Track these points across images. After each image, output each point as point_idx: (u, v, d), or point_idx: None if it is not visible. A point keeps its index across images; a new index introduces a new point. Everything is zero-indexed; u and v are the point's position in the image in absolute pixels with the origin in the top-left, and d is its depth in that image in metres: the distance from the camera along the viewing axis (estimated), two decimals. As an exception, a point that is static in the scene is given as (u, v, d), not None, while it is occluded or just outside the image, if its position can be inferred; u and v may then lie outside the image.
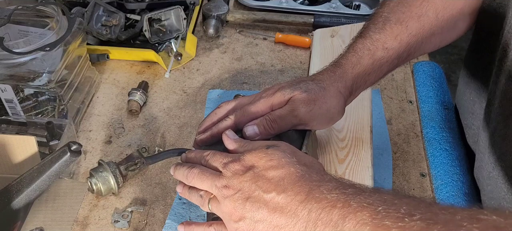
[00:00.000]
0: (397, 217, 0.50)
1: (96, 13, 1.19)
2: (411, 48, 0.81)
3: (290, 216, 0.58)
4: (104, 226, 0.87)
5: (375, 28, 0.81)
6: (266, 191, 0.60)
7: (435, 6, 0.81)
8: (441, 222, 0.47)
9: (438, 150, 0.96)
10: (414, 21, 0.81)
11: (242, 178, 0.63)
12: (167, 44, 1.23)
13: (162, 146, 1.01)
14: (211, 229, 0.70)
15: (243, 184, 0.62)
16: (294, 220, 0.58)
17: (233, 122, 0.76)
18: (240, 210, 0.62)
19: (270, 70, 1.19)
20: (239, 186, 0.63)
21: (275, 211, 0.59)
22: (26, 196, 0.82)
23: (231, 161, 0.65)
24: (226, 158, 0.67)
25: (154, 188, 0.93)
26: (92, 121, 1.07)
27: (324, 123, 0.77)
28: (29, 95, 1.01)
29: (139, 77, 1.17)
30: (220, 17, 1.28)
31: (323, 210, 0.56)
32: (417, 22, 0.81)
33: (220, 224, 0.68)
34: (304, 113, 0.73)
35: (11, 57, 0.93)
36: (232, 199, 0.62)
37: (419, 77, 1.12)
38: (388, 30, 0.80)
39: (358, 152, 0.88)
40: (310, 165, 0.63)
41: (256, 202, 0.61)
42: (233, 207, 0.62)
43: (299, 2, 1.36)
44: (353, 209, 0.53)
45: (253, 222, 0.61)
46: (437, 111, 1.03)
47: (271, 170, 0.62)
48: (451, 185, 0.90)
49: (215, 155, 0.69)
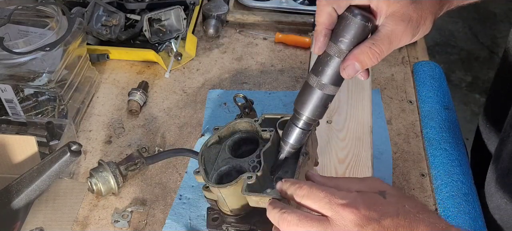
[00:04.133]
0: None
1: (96, 13, 1.19)
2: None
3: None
4: (104, 226, 0.87)
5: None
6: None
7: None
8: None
9: (438, 150, 0.96)
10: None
11: (364, 230, 0.57)
12: (167, 44, 1.23)
13: (162, 146, 1.01)
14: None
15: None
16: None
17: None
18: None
19: (270, 70, 1.19)
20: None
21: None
22: (26, 196, 0.82)
23: (343, 204, 0.58)
24: (333, 197, 0.59)
25: (154, 188, 0.93)
26: (92, 121, 1.07)
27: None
28: (29, 95, 1.01)
29: (139, 77, 1.17)
30: (220, 17, 1.28)
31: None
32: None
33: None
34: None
35: (11, 57, 0.93)
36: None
37: (419, 77, 1.12)
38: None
39: (358, 152, 0.88)
40: (425, 207, 0.61)
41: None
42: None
43: (299, 2, 1.36)
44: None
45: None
46: (437, 112, 1.03)
47: (393, 220, 0.57)
48: (451, 185, 0.90)
49: (313, 191, 0.61)
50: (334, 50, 0.63)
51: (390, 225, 0.57)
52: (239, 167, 0.75)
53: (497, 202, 0.91)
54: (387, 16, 0.61)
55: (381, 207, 0.58)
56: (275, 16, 1.30)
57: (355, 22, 0.61)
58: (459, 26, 3.27)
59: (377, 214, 0.57)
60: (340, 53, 0.63)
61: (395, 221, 0.57)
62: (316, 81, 0.65)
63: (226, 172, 0.76)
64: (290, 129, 0.71)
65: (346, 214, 0.57)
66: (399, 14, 0.61)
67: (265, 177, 0.72)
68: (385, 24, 0.62)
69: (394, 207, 0.58)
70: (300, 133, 0.70)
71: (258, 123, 0.77)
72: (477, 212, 0.87)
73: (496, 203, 0.91)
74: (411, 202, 0.60)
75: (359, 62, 0.61)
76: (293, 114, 0.71)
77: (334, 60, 0.63)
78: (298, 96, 0.69)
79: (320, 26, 0.62)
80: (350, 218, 0.57)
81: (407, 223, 0.57)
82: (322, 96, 0.66)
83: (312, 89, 0.66)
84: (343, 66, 0.62)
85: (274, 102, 1.09)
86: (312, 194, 0.61)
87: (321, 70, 0.64)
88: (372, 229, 0.57)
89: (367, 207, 0.58)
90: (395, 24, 0.61)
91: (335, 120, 0.94)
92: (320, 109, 0.67)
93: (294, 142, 0.71)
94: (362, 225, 0.57)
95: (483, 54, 3.08)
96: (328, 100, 0.67)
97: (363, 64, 0.62)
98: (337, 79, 0.65)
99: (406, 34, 0.62)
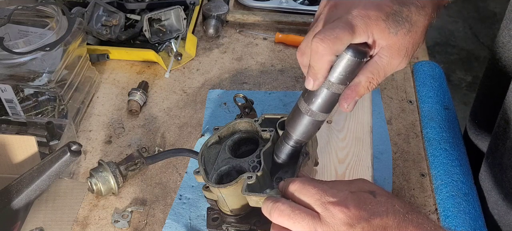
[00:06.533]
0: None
1: (96, 13, 1.19)
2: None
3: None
4: (104, 226, 0.87)
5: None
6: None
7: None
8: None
9: (438, 150, 0.96)
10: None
11: (353, 229, 0.57)
12: (167, 44, 1.23)
13: (162, 146, 1.01)
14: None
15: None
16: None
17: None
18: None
19: (270, 70, 1.19)
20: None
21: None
22: (26, 196, 0.82)
23: (334, 202, 0.59)
24: (324, 194, 0.60)
25: (154, 188, 0.93)
26: (92, 121, 1.07)
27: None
28: (29, 95, 1.01)
29: (139, 77, 1.17)
30: (220, 17, 1.28)
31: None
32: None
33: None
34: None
35: (11, 57, 0.93)
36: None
37: (419, 77, 1.12)
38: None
39: (358, 152, 0.88)
40: (414, 208, 0.61)
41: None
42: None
43: (299, 2, 1.36)
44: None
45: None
46: (437, 112, 1.03)
47: (382, 220, 0.58)
48: (451, 185, 0.90)
49: (305, 186, 0.62)
50: (328, 83, 0.64)
51: (379, 225, 0.57)
52: (239, 167, 0.75)
53: (495, 198, 0.91)
54: (383, 47, 0.62)
55: (371, 206, 0.59)
56: (275, 16, 1.30)
57: (353, 62, 0.62)
58: (459, 26, 3.27)
59: (367, 213, 0.58)
60: (336, 88, 0.64)
61: (384, 220, 0.57)
62: (307, 109, 0.66)
63: (226, 172, 0.76)
64: (282, 147, 0.73)
65: (336, 212, 0.58)
66: (395, 47, 0.62)
67: (265, 177, 0.72)
68: (381, 55, 0.62)
69: (384, 207, 0.59)
70: (291, 150, 0.72)
71: (258, 123, 0.77)
72: (477, 212, 0.88)
73: (494, 199, 0.92)
74: (400, 203, 0.60)
75: (358, 96, 0.63)
76: (285, 133, 0.71)
77: (327, 92, 0.64)
78: (289, 118, 0.70)
79: (320, 72, 0.62)
80: (339, 217, 0.58)
81: (396, 223, 0.57)
82: (314, 122, 0.68)
83: (303, 115, 0.67)
84: (346, 102, 0.64)
85: (274, 102, 1.09)
86: (304, 189, 0.61)
87: (313, 100, 0.65)
88: (362, 228, 0.57)
89: (357, 206, 0.58)
90: (392, 58, 0.62)
91: (335, 120, 0.94)
92: (312, 132, 0.69)
93: (285, 157, 0.73)
94: (352, 224, 0.57)
95: (483, 54, 3.08)
96: (319, 125, 0.69)
97: (361, 95, 0.64)
98: (328, 107, 0.66)
99: (401, 64, 0.63)
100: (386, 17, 0.60)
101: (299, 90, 1.11)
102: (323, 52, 0.59)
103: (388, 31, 0.60)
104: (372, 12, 0.60)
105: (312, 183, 0.62)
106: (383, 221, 0.57)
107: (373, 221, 0.57)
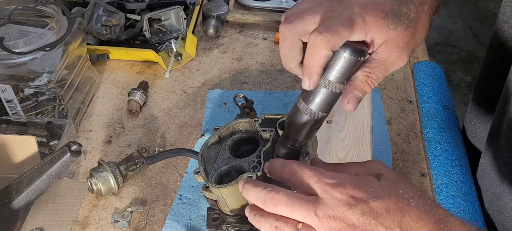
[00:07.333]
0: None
1: (96, 13, 1.19)
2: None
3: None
4: (104, 226, 0.87)
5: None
6: (389, 228, 0.56)
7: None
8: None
9: (438, 150, 0.96)
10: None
11: (352, 210, 0.56)
12: (167, 44, 1.23)
13: (162, 146, 1.01)
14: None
15: (358, 218, 0.56)
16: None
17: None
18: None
19: (270, 70, 1.19)
20: (353, 219, 0.56)
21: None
22: (26, 196, 0.82)
23: (332, 184, 0.58)
24: (322, 177, 0.59)
25: (154, 188, 0.93)
26: (92, 121, 1.07)
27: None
28: (29, 95, 1.01)
29: (139, 77, 1.17)
30: (220, 17, 1.28)
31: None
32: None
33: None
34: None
35: (11, 57, 0.93)
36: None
37: (419, 77, 1.12)
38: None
39: (358, 152, 0.88)
40: (422, 194, 0.60)
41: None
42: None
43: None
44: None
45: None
46: (437, 111, 1.03)
47: (383, 202, 0.57)
48: (451, 185, 0.90)
49: (302, 168, 0.61)
50: (325, 82, 0.63)
51: (380, 207, 0.56)
52: (239, 167, 0.75)
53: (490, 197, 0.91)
54: (381, 44, 0.62)
55: (372, 189, 0.58)
56: (275, 16, 1.30)
57: (350, 60, 0.61)
58: (459, 26, 3.27)
59: (366, 195, 0.57)
60: (334, 86, 0.63)
61: (385, 203, 0.57)
62: (305, 108, 0.66)
63: (226, 172, 0.76)
64: (282, 147, 0.72)
65: (335, 193, 0.57)
66: (394, 41, 0.61)
67: (265, 176, 0.72)
68: (378, 51, 0.62)
69: (387, 190, 0.58)
70: (291, 150, 0.71)
71: (258, 123, 0.77)
72: (477, 212, 0.88)
73: (489, 198, 0.91)
74: (407, 187, 0.59)
75: (360, 92, 0.63)
76: (285, 133, 0.71)
77: (325, 91, 0.64)
78: (289, 118, 0.70)
79: (315, 69, 0.61)
80: (338, 197, 0.57)
81: (398, 208, 0.56)
82: (313, 122, 0.67)
83: (302, 115, 0.67)
84: (347, 99, 0.63)
85: (274, 102, 1.09)
86: (301, 172, 0.60)
87: (312, 100, 0.65)
88: (361, 209, 0.56)
89: (355, 187, 0.57)
90: (390, 52, 0.62)
91: (335, 120, 0.94)
92: (311, 132, 0.69)
93: (285, 157, 0.72)
94: (351, 205, 0.56)
95: (483, 54, 3.07)
96: (318, 124, 0.68)
97: (363, 93, 0.63)
98: (327, 106, 0.66)
99: (401, 59, 0.63)
100: (385, 15, 0.60)
101: (299, 90, 1.11)
102: (320, 45, 0.58)
103: (387, 28, 0.60)
104: (372, 10, 0.60)
105: (309, 166, 0.61)
106: (384, 204, 0.56)
107: (372, 204, 0.56)
